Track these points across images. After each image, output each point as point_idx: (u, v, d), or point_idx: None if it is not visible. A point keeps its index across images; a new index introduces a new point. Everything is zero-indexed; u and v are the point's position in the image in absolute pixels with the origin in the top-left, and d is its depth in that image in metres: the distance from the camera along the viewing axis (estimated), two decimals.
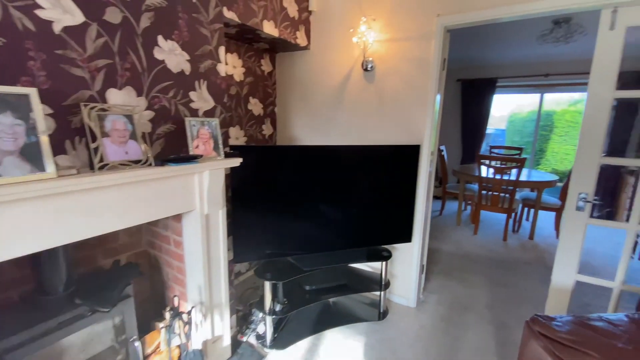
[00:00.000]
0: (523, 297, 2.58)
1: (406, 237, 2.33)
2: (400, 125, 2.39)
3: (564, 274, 1.90)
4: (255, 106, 2.66)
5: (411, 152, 2.22)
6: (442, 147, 4.70)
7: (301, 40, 2.50)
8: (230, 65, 2.38)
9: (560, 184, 4.06)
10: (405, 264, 2.45)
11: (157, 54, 1.45)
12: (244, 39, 2.34)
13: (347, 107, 2.56)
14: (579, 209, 1.81)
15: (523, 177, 3.62)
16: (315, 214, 2.11)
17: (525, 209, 4.34)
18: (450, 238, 3.80)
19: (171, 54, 1.50)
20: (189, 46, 1.58)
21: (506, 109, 7.76)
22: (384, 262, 2.24)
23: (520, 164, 3.48)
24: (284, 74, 2.79)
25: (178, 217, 1.66)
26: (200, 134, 1.51)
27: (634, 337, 1.23)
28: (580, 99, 6.86)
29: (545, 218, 4.26)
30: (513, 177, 3.60)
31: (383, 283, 2.26)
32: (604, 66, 1.67)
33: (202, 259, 1.63)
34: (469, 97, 5.40)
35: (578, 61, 4.60)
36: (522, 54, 4.66)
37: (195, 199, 1.56)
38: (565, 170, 6.88)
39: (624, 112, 4.23)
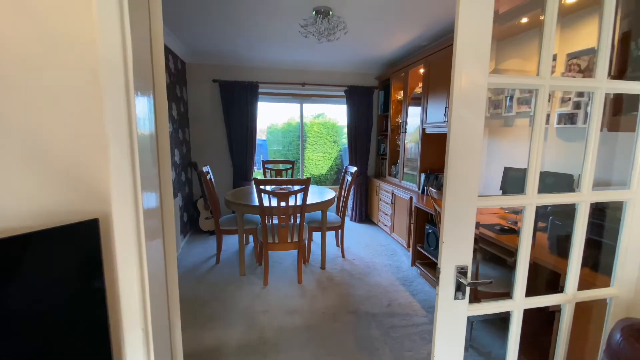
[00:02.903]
0: None
1: None
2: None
3: None
4: None
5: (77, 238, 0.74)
6: (207, 168, 3.41)
7: None
8: None
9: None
10: None
11: None
12: None
13: None
14: (457, 296, 1.03)
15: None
16: None
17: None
18: (235, 308, 2.57)
19: None
20: None
21: (266, 119, 7.73)
22: None
23: (305, 185, 2.77)
24: None
25: None
26: None
27: None
28: (321, 112, 7.89)
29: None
30: (294, 200, 2.88)
31: None
32: None
33: None
34: (231, 102, 4.42)
35: (330, 72, 4.71)
36: (283, 57, 4.18)
37: None
38: (319, 175, 7.76)
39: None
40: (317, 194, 3.42)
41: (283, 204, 2.78)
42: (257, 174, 6.00)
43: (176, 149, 3.76)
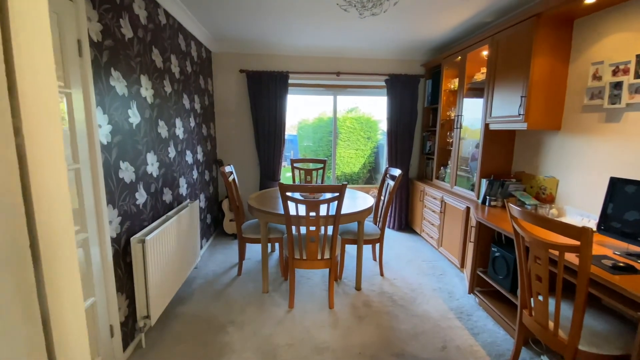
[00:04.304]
0: None
1: None
2: None
3: None
4: None
5: None
6: (230, 168, 3.03)
7: None
8: None
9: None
10: None
11: None
12: None
13: None
14: None
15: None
16: None
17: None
18: (255, 337, 2.16)
19: None
20: None
21: (297, 114, 7.39)
22: None
23: (340, 193, 2.29)
24: None
25: None
26: None
27: None
28: (354, 106, 7.35)
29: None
30: (326, 209, 2.41)
31: None
32: None
33: None
34: (259, 94, 4.02)
35: (368, 60, 4.15)
36: (317, 43, 3.70)
37: None
38: (351, 173, 7.27)
39: None
40: (351, 200, 2.93)
41: (313, 213, 2.32)
42: (287, 170, 5.61)
43: (199, 145, 3.43)
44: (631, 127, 1.91)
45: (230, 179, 2.94)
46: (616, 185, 1.82)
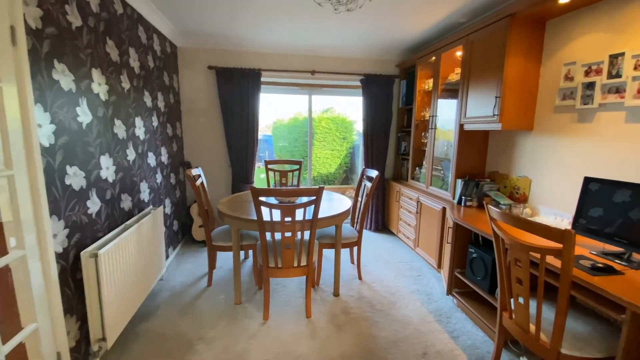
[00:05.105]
0: None
1: None
2: None
3: None
4: None
5: None
6: (198, 171, 2.83)
7: None
8: None
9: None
10: None
11: None
12: None
13: None
14: None
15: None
16: None
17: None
18: (227, 354, 1.99)
19: None
20: None
21: (272, 114, 7.23)
22: None
23: (317, 196, 2.17)
24: None
25: None
26: None
27: None
28: (330, 106, 7.29)
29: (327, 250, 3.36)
30: (303, 213, 2.29)
31: None
32: None
33: None
34: (229, 93, 3.82)
35: (344, 59, 4.06)
36: (290, 40, 3.56)
37: None
38: (327, 173, 7.20)
39: None
40: (328, 202, 2.82)
41: (288, 219, 2.18)
42: (260, 171, 5.41)
43: (163, 146, 3.18)
44: (604, 127, 1.95)
45: (198, 182, 2.74)
46: (590, 185, 1.84)
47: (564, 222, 2.17)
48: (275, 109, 7.29)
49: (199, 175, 2.84)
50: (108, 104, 2.09)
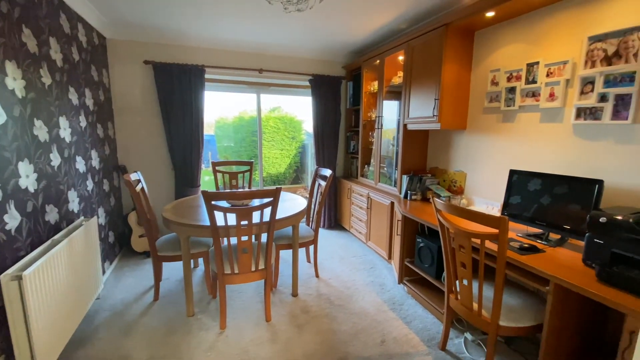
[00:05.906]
0: None
1: None
2: None
3: None
4: None
5: None
6: (137, 175, 2.58)
7: None
8: None
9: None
10: None
11: None
12: None
13: None
14: None
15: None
16: None
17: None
18: None
19: None
20: None
21: (215, 112, 6.89)
22: None
23: (274, 197, 2.14)
24: None
25: None
26: None
27: None
28: (277, 105, 7.21)
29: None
30: (259, 215, 2.24)
31: None
32: None
33: None
34: (169, 90, 3.55)
35: (292, 58, 4.04)
36: (237, 36, 3.43)
37: None
38: (277, 174, 7.13)
39: None
40: (282, 202, 2.80)
41: (244, 222, 2.12)
42: (206, 173, 5.14)
43: (93, 149, 2.84)
44: (524, 126, 2.25)
45: (138, 188, 2.50)
46: (514, 177, 2.12)
47: (495, 210, 2.46)
48: (219, 107, 6.97)
49: (139, 180, 2.60)
50: (26, 102, 1.81)
